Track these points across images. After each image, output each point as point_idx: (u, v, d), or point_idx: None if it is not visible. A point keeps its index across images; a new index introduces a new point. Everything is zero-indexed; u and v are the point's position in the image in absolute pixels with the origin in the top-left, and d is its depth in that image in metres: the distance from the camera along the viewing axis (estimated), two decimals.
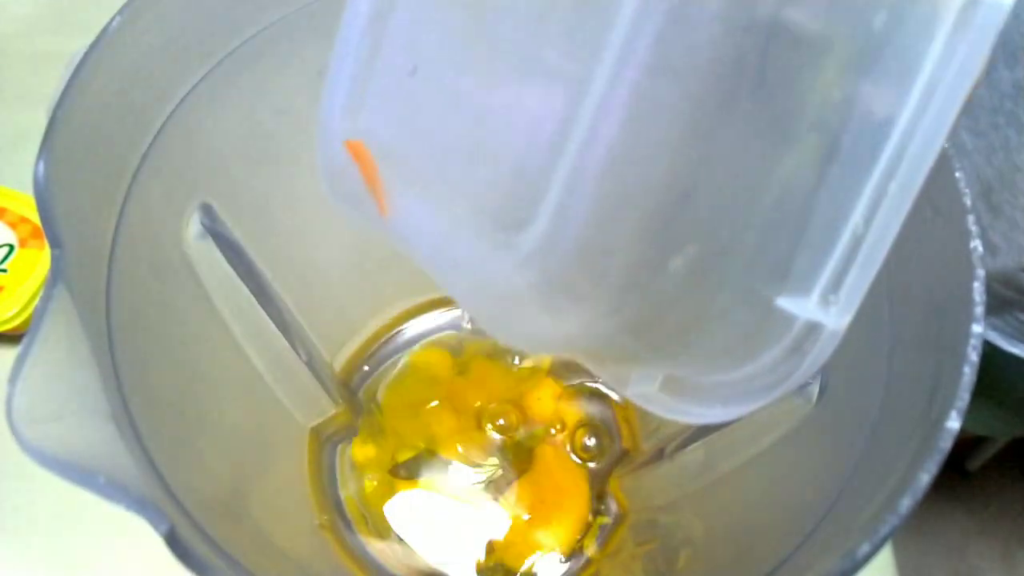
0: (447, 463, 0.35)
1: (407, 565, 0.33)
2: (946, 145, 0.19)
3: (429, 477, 0.35)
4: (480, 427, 0.36)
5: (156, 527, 0.15)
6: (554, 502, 0.34)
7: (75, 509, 0.34)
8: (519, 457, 0.35)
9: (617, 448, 0.37)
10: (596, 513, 0.35)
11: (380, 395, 0.37)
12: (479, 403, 0.36)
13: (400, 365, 0.37)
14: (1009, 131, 0.48)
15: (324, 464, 0.35)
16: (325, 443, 0.35)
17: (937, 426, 0.16)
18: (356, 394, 0.37)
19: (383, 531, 0.34)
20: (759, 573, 0.20)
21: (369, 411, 0.36)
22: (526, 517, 0.34)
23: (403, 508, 0.34)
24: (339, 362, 0.38)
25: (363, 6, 0.17)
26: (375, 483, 0.34)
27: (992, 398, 0.59)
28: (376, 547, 0.33)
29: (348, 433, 0.36)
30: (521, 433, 0.36)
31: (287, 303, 0.31)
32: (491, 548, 0.33)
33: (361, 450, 0.35)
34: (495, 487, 0.35)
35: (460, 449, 0.35)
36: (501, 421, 0.36)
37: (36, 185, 0.17)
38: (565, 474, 0.35)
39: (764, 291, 0.15)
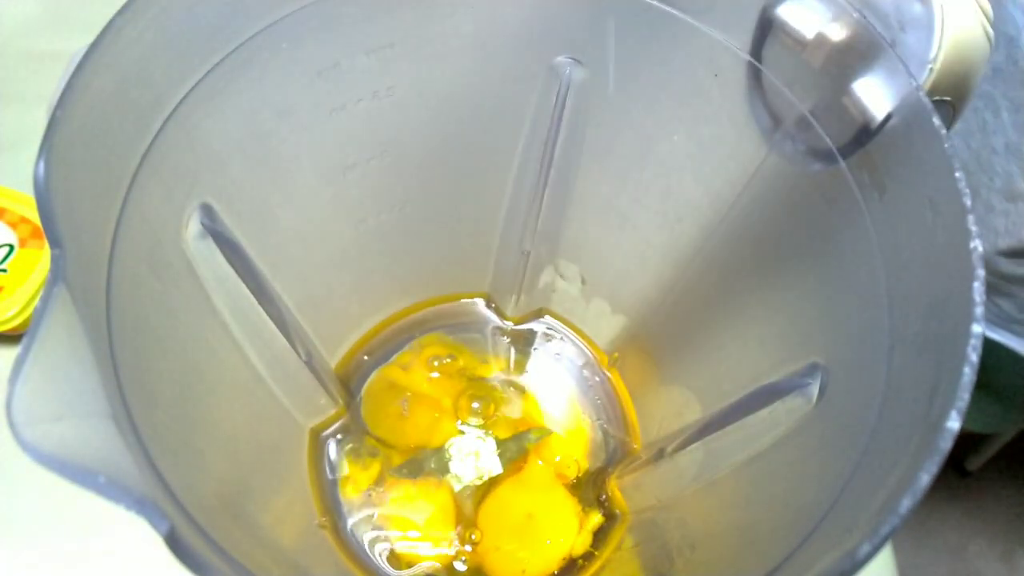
0: (440, 462, 0.36)
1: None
2: (946, 145, 0.19)
3: (423, 479, 0.35)
4: (452, 412, 0.37)
5: (156, 527, 0.14)
6: (542, 534, 0.34)
7: (73, 509, 0.34)
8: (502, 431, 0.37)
9: (614, 447, 0.37)
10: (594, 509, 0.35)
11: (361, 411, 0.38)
12: (445, 394, 0.38)
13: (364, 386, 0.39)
14: (986, 114, 0.47)
15: (324, 464, 0.35)
16: (325, 443, 0.35)
17: (937, 426, 0.16)
18: (355, 395, 0.37)
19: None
20: (759, 573, 0.20)
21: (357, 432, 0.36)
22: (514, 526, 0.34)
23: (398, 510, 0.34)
24: (338, 361, 0.38)
25: None
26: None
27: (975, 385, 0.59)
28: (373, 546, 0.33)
29: (348, 432, 0.36)
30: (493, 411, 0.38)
31: (287, 302, 0.31)
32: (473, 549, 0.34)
33: (351, 488, 0.35)
34: (481, 491, 0.35)
35: (448, 438, 0.37)
36: (476, 405, 0.37)
37: (36, 185, 0.17)
38: (556, 510, 0.35)
39: None
